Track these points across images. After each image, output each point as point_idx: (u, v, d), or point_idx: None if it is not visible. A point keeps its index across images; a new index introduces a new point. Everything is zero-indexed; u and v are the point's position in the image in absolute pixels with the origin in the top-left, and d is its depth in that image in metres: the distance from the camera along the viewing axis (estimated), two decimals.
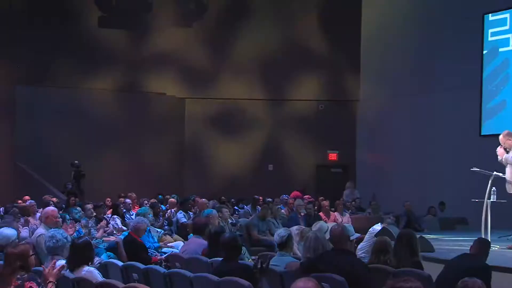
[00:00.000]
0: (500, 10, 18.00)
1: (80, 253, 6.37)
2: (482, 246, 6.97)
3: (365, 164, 22.29)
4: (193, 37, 22.01)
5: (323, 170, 22.80)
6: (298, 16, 22.49)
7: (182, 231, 12.95)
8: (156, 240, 11.01)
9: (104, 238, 11.75)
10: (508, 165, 10.30)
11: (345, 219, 15.19)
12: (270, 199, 16.84)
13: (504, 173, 10.44)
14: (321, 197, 17.46)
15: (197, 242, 8.29)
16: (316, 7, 22.55)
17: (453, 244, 11.05)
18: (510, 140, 10.34)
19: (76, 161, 18.55)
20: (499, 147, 10.59)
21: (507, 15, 17.92)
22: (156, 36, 21.61)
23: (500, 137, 10.49)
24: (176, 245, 11.28)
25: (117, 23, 21.28)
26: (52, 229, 7.08)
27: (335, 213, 15.62)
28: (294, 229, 11.58)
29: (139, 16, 21.65)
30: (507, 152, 10.40)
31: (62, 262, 6.04)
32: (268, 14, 22.33)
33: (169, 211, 14.22)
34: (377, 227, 11.17)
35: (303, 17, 22.49)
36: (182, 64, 21.83)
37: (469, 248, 7.02)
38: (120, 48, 21.31)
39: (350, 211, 17.02)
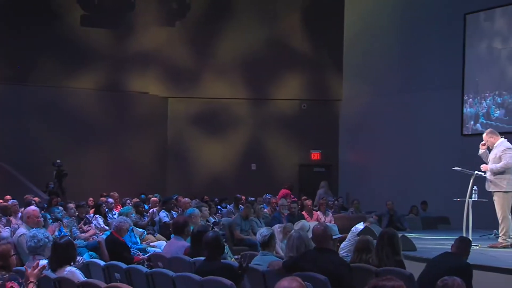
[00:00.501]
0: (481, 10, 18.13)
1: (62, 253, 6.33)
2: (463, 245, 7.01)
3: (348, 163, 22.35)
4: (176, 36, 21.97)
5: (306, 170, 22.84)
6: (281, 16, 22.50)
7: (165, 231, 12.93)
8: (138, 240, 10.97)
9: (86, 235, 11.73)
10: (490, 163, 10.36)
11: (328, 219, 15.22)
12: (252, 199, 16.85)
13: (485, 172, 10.51)
14: (304, 197, 17.50)
15: (177, 245, 8.25)
16: (299, 7, 22.57)
17: (435, 243, 11.10)
18: (492, 138, 10.41)
19: (58, 161, 18.45)
20: (481, 143, 10.65)
21: (488, 15, 18.11)
22: (138, 35, 21.54)
23: (484, 135, 10.56)
24: (159, 244, 11.26)
25: (100, 22, 21.19)
26: (34, 229, 7.04)
27: (318, 212, 15.65)
28: (277, 227, 11.63)
29: (121, 15, 21.57)
30: (489, 150, 10.46)
31: (43, 262, 6.01)
32: (251, 14, 22.33)
33: (151, 210, 14.17)
34: (360, 226, 11.22)
35: (286, 17, 22.50)
36: (165, 63, 21.79)
37: (450, 247, 7.06)
38: (103, 47, 21.22)
39: (332, 210, 17.05)
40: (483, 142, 10.64)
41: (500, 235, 10.29)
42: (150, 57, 21.56)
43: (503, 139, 10.41)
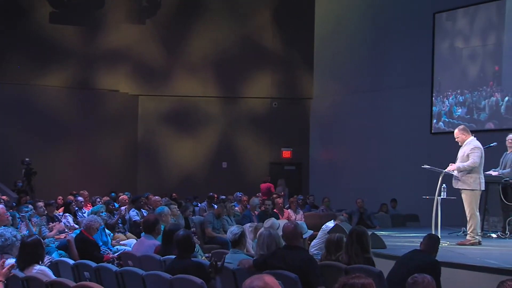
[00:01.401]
0: (450, 9, 18.32)
1: (30, 251, 6.27)
2: (432, 243, 7.06)
3: (319, 161, 22.44)
4: (146, 34, 21.87)
5: (276, 168, 22.90)
6: (251, 14, 22.51)
7: (135, 229, 12.88)
8: (109, 239, 10.92)
9: (55, 236, 11.62)
10: (458, 161, 10.45)
11: (299, 217, 15.27)
12: (223, 197, 16.85)
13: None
14: (275, 195, 17.54)
15: (148, 244, 8.21)
16: (270, 5, 22.61)
17: (404, 241, 11.17)
18: (463, 135, 10.50)
19: (27, 159, 18.27)
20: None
21: (450, 14, 18.34)
22: (108, 32, 21.41)
23: (456, 130, 10.65)
24: (129, 243, 11.21)
25: (69, 19, 21.02)
26: (1, 228, 6.96)
27: (289, 210, 15.68)
28: (247, 226, 11.62)
29: (91, 12, 21.41)
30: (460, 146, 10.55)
31: (11, 261, 5.95)
32: (222, 12, 22.31)
33: (120, 208, 14.09)
34: (330, 224, 11.25)
35: (256, 15, 22.52)
36: (135, 61, 21.69)
37: (419, 245, 7.12)
38: (72, 45, 21.06)
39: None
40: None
41: (468, 232, 10.39)
42: (120, 54, 21.44)
43: (473, 137, 10.51)
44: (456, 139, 10.56)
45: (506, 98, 17.00)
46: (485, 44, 17.70)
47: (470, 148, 10.29)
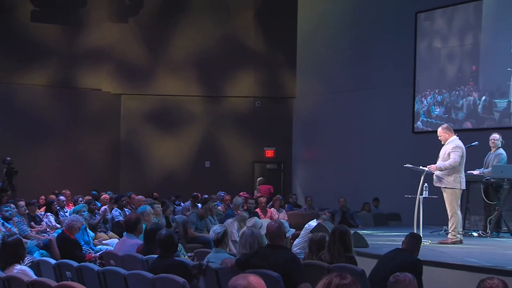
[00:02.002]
0: (432, 9, 18.43)
1: (11, 251, 6.23)
2: (414, 241, 7.10)
3: (301, 161, 22.48)
4: (129, 33, 21.77)
5: (260, 167, 22.93)
6: (234, 13, 22.48)
7: (117, 229, 12.85)
8: (91, 239, 10.88)
9: (37, 235, 11.57)
10: (439, 160, 10.52)
11: (282, 216, 15.29)
12: (206, 196, 16.84)
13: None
14: (258, 194, 17.59)
15: (130, 243, 8.19)
16: (253, 4, 22.59)
17: (386, 240, 11.22)
18: (446, 133, 10.56)
19: (8, 158, 18.12)
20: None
21: (428, 15, 18.48)
22: (90, 31, 21.28)
23: (439, 129, 10.71)
24: (111, 242, 11.18)
25: (50, 18, 20.84)
26: None
27: (272, 209, 15.71)
28: (228, 221, 11.68)
29: (73, 10, 21.25)
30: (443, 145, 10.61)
31: None
32: (205, 11, 22.26)
33: (102, 208, 14.05)
34: (313, 223, 11.29)
35: (239, 14, 22.50)
36: (118, 60, 21.58)
37: (401, 243, 7.15)
38: (54, 43, 20.91)
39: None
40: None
41: (449, 231, 10.45)
42: (103, 53, 21.32)
43: (455, 137, 10.58)
44: (439, 138, 10.63)
45: (483, 98, 17.19)
46: (462, 44, 17.90)
47: (451, 147, 10.36)
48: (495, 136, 12.06)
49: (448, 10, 18.18)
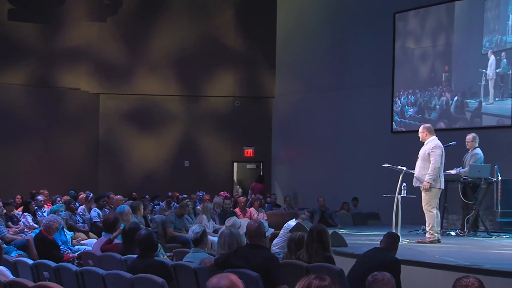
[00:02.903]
0: (410, 9, 18.56)
1: None
2: (392, 241, 7.13)
3: (281, 160, 22.51)
4: (108, 32, 21.67)
5: (239, 167, 22.93)
6: (214, 12, 22.45)
7: (96, 228, 12.79)
8: (69, 238, 10.83)
9: (14, 236, 11.49)
10: (419, 160, 10.59)
11: (261, 216, 15.30)
12: (185, 195, 16.81)
13: (414, 169, 10.77)
14: (237, 193, 17.60)
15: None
16: (232, 4, 22.57)
17: (365, 239, 11.27)
18: (425, 133, 10.64)
19: None
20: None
21: (408, 15, 18.64)
22: (69, 30, 21.15)
23: (420, 127, 10.79)
24: (90, 242, 11.12)
25: (28, 16, 20.69)
26: None
27: (251, 209, 15.71)
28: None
29: (51, 9, 21.11)
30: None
31: None
32: (184, 10, 22.20)
33: (80, 207, 13.99)
34: (292, 222, 11.31)
35: (219, 13, 22.47)
36: (96, 59, 21.46)
37: (379, 243, 7.18)
38: (32, 42, 20.76)
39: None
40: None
41: (427, 230, 10.52)
42: (81, 52, 21.20)
43: (435, 137, 10.65)
44: (419, 134, 10.72)
45: (456, 98, 17.42)
46: (435, 45, 18.13)
47: (431, 147, 10.44)
48: (470, 136, 12.18)
49: (421, 11, 18.41)
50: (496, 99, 16.46)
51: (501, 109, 16.37)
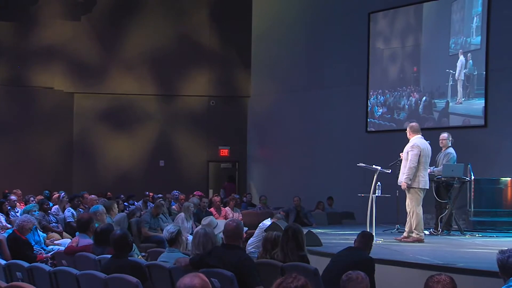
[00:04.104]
0: (384, 9, 18.70)
1: None
2: (365, 240, 7.16)
3: (256, 160, 22.52)
4: (82, 31, 21.52)
5: (214, 166, 22.90)
6: (189, 12, 22.40)
7: (70, 228, 12.70)
8: (42, 239, 10.74)
9: None
10: (403, 159, 10.66)
11: (236, 215, 15.30)
12: (160, 195, 16.76)
13: (388, 168, 10.85)
14: (216, 194, 17.59)
15: (82, 243, 8.10)
16: (207, 3, 22.55)
17: (340, 238, 11.31)
18: (409, 132, 10.72)
19: None
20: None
21: (378, 16, 18.79)
22: (42, 29, 20.99)
23: (407, 127, 10.88)
24: (64, 242, 11.03)
25: (1, 15, 20.49)
26: None
27: (226, 208, 15.70)
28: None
29: (24, 7, 20.92)
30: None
31: None
32: (159, 9, 22.14)
33: (54, 207, 13.89)
34: (267, 222, 11.32)
35: (194, 13, 22.42)
36: (71, 58, 21.31)
37: (353, 242, 7.21)
38: (5, 41, 20.58)
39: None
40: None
41: (412, 229, 10.57)
42: (55, 51, 21.05)
43: (418, 136, 10.72)
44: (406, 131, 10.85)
45: (424, 98, 17.71)
46: (404, 45, 18.35)
47: (410, 146, 10.53)
48: (444, 135, 12.29)
49: (389, 13, 18.61)
50: (463, 99, 16.74)
51: (468, 109, 16.73)
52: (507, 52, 15.98)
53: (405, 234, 10.64)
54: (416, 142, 10.58)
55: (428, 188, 10.85)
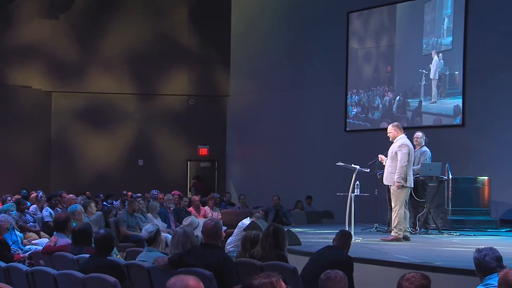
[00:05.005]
0: (364, 9, 18.79)
1: None
2: (344, 239, 7.19)
3: (235, 159, 22.52)
4: (60, 29, 21.39)
5: (193, 165, 22.87)
6: (167, 11, 22.34)
7: (48, 228, 12.62)
8: (19, 239, 10.66)
9: None
10: (388, 159, 10.70)
11: (215, 214, 15.28)
12: (139, 194, 16.71)
13: (367, 167, 10.91)
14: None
15: (60, 242, 8.05)
16: (186, 2, 22.50)
17: (319, 237, 11.34)
18: (395, 131, 10.75)
19: None
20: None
21: (352, 16, 18.91)
22: (20, 27, 20.84)
23: (389, 126, 10.90)
24: (41, 242, 10.96)
25: None
26: None
27: (205, 207, 15.67)
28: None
29: (1, 6, 20.76)
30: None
31: None
32: (138, 7, 22.05)
33: (32, 207, 13.80)
34: (246, 221, 11.33)
35: (173, 12, 22.37)
36: (49, 56, 21.18)
37: (332, 241, 7.23)
38: None
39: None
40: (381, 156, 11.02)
41: (392, 227, 10.63)
42: (33, 50, 20.91)
43: (403, 135, 10.78)
44: (388, 135, 10.83)
45: (398, 97, 17.90)
46: (378, 45, 18.52)
47: (397, 145, 10.56)
48: (419, 134, 12.38)
49: (364, 13, 18.75)
50: (436, 98, 16.96)
51: (440, 108, 16.97)
52: (484, 52, 16.10)
53: (393, 233, 10.67)
54: (404, 141, 10.66)
55: (413, 186, 10.93)
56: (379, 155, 11.09)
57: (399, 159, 10.45)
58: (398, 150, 10.52)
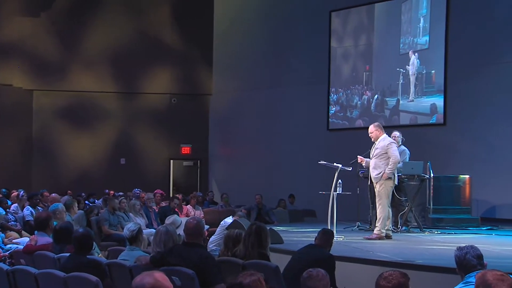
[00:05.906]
0: (346, 8, 18.87)
1: None
2: (326, 237, 7.20)
3: (218, 158, 22.50)
4: (41, 27, 21.27)
5: (176, 164, 22.82)
6: (150, 9, 22.28)
7: (29, 227, 12.54)
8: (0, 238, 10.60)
9: None
10: (372, 158, 10.73)
11: (198, 213, 15.27)
12: (121, 193, 16.64)
13: (349, 166, 10.94)
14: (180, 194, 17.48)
15: (41, 241, 8.01)
16: (169, 0, 22.45)
17: (301, 236, 11.36)
18: (378, 131, 10.79)
19: None
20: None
21: (337, 14, 19.01)
22: (0, 25, 20.69)
23: (371, 126, 10.93)
24: (22, 241, 10.89)
25: None
26: None
27: (188, 206, 15.65)
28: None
29: None
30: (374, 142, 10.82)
31: None
32: (120, 5, 21.97)
33: (13, 206, 13.70)
34: (229, 220, 11.33)
35: (155, 10, 22.30)
36: (30, 54, 21.05)
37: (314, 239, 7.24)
38: None
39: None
40: (360, 157, 11.04)
41: (376, 224, 10.67)
42: (14, 48, 20.78)
43: (385, 135, 10.83)
44: (370, 135, 10.85)
45: (376, 96, 18.04)
46: (357, 44, 18.64)
47: (386, 144, 10.59)
48: (396, 133, 12.43)
49: (342, 12, 18.80)
50: (414, 97, 17.18)
51: (417, 107, 17.18)
52: (465, 52, 16.21)
53: (375, 231, 10.71)
54: (390, 139, 10.75)
55: (397, 184, 11.00)
56: (358, 156, 11.11)
57: (392, 155, 10.50)
58: (389, 148, 10.56)
